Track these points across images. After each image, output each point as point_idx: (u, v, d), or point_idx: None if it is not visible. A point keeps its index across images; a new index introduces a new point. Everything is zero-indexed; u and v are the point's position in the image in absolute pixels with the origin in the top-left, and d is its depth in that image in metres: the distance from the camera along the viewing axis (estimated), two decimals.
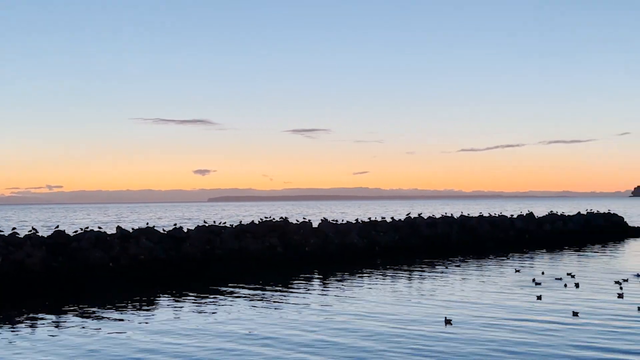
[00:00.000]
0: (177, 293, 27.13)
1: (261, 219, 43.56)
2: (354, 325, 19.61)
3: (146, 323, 20.52)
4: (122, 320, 21.14)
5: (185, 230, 39.07)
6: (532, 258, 41.83)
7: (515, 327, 19.14)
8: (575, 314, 21.02)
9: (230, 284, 29.75)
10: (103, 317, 21.64)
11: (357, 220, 48.86)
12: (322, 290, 27.84)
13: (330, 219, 46.83)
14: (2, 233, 32.36)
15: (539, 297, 24.43)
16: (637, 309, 21.79)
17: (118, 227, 36.43)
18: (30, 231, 33.51)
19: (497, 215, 59.12)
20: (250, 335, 18.36)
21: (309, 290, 27.90)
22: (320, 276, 32.89)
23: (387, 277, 31.93)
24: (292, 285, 29.29)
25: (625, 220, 69.82)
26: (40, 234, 33.45)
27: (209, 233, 38.20)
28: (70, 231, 35.74)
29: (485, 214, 59.65)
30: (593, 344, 16.67)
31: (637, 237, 63.02)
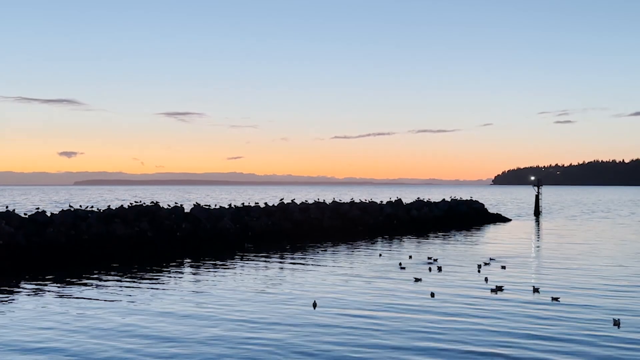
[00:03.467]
0: (39, 282, 25.92)
1: (131, 204, 42.38)
2: (219, 311, 19.57)
3: (2, 314, 19.48)
4: None
5: (49, 214, 37.31)
6: (400, 242, 43.40)
7: (379, 308, 19.83)
8: (432, 294, 22.20)
9: (96, 271, 28.78)
10: None
11: (230, 205, 48.64)
12: (192, 275, 27.54)
13: (203, 204, 46.31)
14: None
15: (418, 280, 25.54)
16: (490, 290, 23.16)
17: None
18: None
19: (367, 202, 60.78)
20: (118, 326, 17.89)
21: (178, 276, 27.51)
22: (191, 261, 32.50)
23: (259, 262, 32.07)
24: (161, 271, 28.75)
25: (485, 207, 73.91)
26: None
27: (75, 217, 36.72)
28: None
29: (357, 200, 61.17)
30: (443, 322, 17.61)
31: (496, 222, 66.90)
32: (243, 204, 50.05)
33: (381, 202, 63.35)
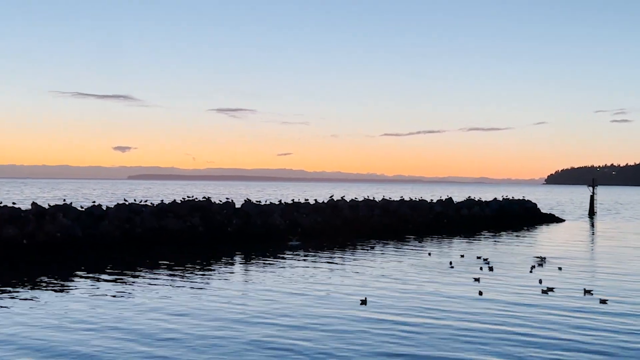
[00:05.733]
0: (94, 272, 26.60)
1: (183, 198, 43.06)
2: (270, 305, 19.76)
3: (60, 303, 20.07)
4: (34, 299, 20.60)
5: (105, 208, 38.23)
6: (449, 241, 43.04)
7: (427, 307, 19.74)
8: (480, 293, 22.00)
9: (148, 264, 29.37)
10: (14, 296, 21.02)
11: (280, 201, 49.00)
12: (243, 270, 27.88)
13: (253, 200, 46.77)
14: None
15: (477, 280, 25.30)
16: (540, 291, 22.82)
17: (33, 203, 35.31)
18: None
19: (417, 200, 60.42)
20: (170, 314, 18.25)
21: (229, 270, 27.87)
22: (242, 256, 32.89)
23: (308, 258, 32.24)
24: (212, 266, 29.18)
25: (538, 207, 72.67)
26: None
27: (129, 211, 37.52)
28: None
29: (406, 198, 60.86)
30: (494, 321, 17.43)
31: (549, 223, 65.72)
32: (293, 200, 50.34)
33: (431, 200, 62.89)
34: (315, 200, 53.00)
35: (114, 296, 21.08)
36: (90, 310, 18.79)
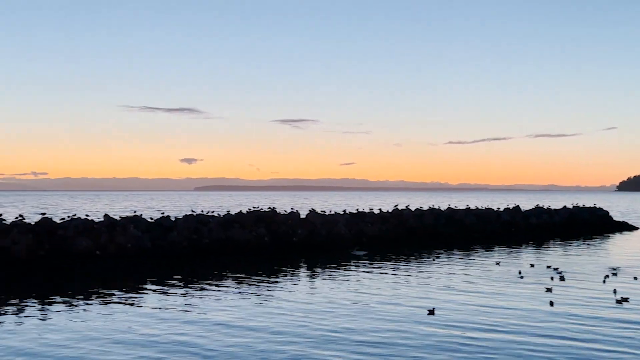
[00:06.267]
0: (163, 282, 27.14)
1: (249, 209, 43.56)
2: (334, 316, 19.73)
3: (132, 312, 20.55)
4: (107, 309, 21.15)
5: (173, 219, 39.03)
6: (517, 251, 42.15)
7: (496, 317, 19.33)
8: (552, 304, 21.41)
9: (216, 274, 29.78)
10: (88, 306, 21.64)
11: (344, 211, 49.01)
12: (308, 280, 27.95)
13: (317, 210, 46.91)
14: None
15: (549, 290, 24.69)
16: (615, 301, 22.06)
17: (105, 215, 36.33)
18: (17, 218, 33.36)
19: (483, 208, 59.46)
20: (235, 325, 18.44)
21: (294, 280, 27.99)
22: (307, 266, 33.00)
23: (373, 268, 32.09)
24: (277, 276, 29.36)
25: (610, 214, 70.43)
26: (26, 220, 33.31)
27: (197, 222, 38.18)
28: (57, 218, 35.58)
29: (472, 207, 59.92)
30: (565, 330, 16.92)
31: (622, 231, 63.60)
32: (357, 209, 50.27)
33: (498, 208, 61.77)
34: (380, 209, 52.79)
35: (181, 307, 21.44)
36: (155, 322, 19.15)
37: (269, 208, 44.15)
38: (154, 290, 24.86)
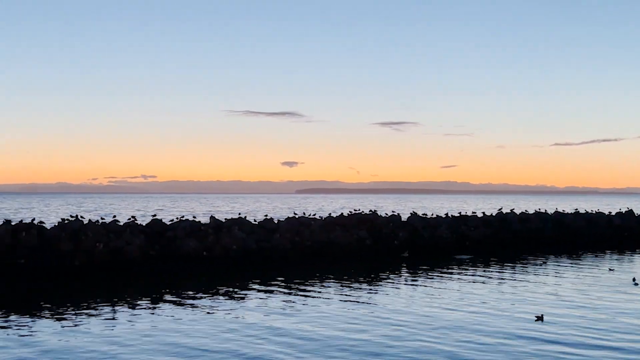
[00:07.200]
0: (267, 284, 27.68)
1: (350, 212, 43.72)
2: (439, 318, 19.48)
3: (235, 313, 21.11)
4: (214, 309, 21.80)
5: (276, 221, 39.74)
6: (631, 257, 40.21)
7: (607, 327, 18.51)
8: None
9: (318, 275, 30.08)
10: (196, 306, 22.39)
11: (446, 214, 48.31)
12: (410, 284, 27.76)
13: (419, 213, 46.49)
14: (103, 220, 33.87)
15: None
16: None
17: (211, 217, 37.44)
18: (129, 219, 34.94)
19: (593, 212, 57.04)
20: (336, 327, 18.55)
21: (395, 284, 27.87)
22: (409, 270, 32.78)
23: (477, 272, 31.46)
24: (379, 279, 29.32)
25: None
26: (138, 222, 34.87)
27: (299, 224, 38.68)
28: (166, 220, 37.06)
29: (581, 210, 57.55)
30: None
31: None
32: (460, 213, 49.42)
33: (609, 212, 59.09)
34: (483, 213, 51.68)
35: (284, 308, 21.79)
36: (261, 321, 19.55)
37: (370, 211, 44.14)
38: (258, 292, 25.40)
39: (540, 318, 19.41)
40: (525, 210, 54.47)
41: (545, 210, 55.52)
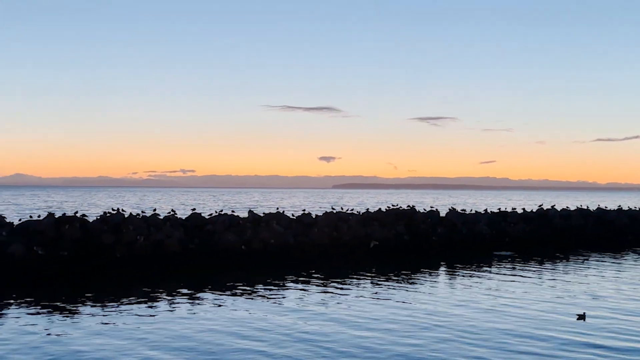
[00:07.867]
0: (304, 278, 27.78)
1: (388, 207, 43.56)
2: (478, 319, 19.32)
3: (277, 305, 21.25)
4: (252, 301, 21.98)
5: (313, 216, 39.81)
6: None
7: None
8: None
9: (355, 270, 30.07)
10: (236, 298, 22.59)
11: (485, 210, 47.82)
12: (447, 280, 27.58)
13: (457, 209, 46.10)
14: (144, 214, 34.36)
15: None
16: None
17: (250, 211, 37.67)
18: (169, 213, 35.38)
19: (637, 209, 55.90)
20: (371, 323, 18.53)
21: (433, 280, 27.72)
22: (447, 266, 32.58)
23: (515, 268, 31.10)
24: (417, 275, 29.19)
25: None
26: (178, 215, 35.28)
27: (337, 219, 38.70)
28: (205, 214, 37.38)
29: (624, 207, 56.45)
30: None
31: None
32: (499, 209, 48.87)
33: None
34: (523, 209, 51.04)
35: (320, 303, 21.84)
36: (295, 320, 19.63)
37: (408, 206, 43.92)
38: (295, 286, 25.52)
39: (582, 317, 19.10)
40: (567, 207, 53.61)
41: (587, 207, 54.60)
